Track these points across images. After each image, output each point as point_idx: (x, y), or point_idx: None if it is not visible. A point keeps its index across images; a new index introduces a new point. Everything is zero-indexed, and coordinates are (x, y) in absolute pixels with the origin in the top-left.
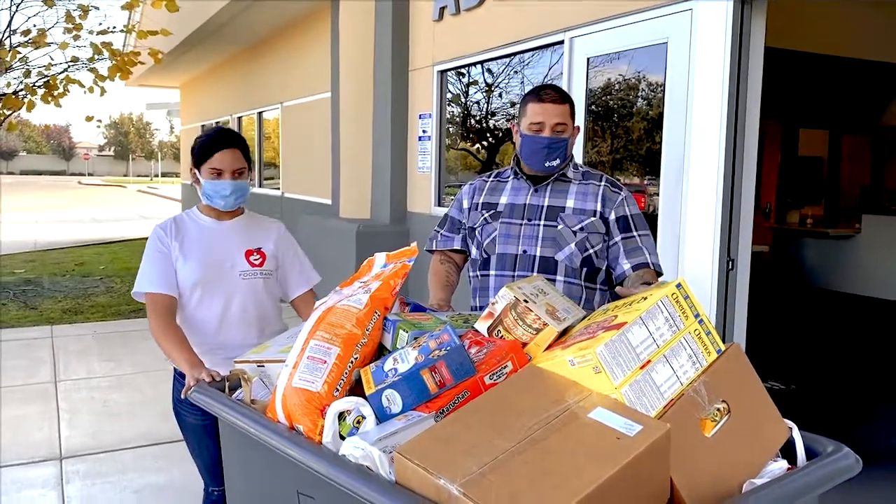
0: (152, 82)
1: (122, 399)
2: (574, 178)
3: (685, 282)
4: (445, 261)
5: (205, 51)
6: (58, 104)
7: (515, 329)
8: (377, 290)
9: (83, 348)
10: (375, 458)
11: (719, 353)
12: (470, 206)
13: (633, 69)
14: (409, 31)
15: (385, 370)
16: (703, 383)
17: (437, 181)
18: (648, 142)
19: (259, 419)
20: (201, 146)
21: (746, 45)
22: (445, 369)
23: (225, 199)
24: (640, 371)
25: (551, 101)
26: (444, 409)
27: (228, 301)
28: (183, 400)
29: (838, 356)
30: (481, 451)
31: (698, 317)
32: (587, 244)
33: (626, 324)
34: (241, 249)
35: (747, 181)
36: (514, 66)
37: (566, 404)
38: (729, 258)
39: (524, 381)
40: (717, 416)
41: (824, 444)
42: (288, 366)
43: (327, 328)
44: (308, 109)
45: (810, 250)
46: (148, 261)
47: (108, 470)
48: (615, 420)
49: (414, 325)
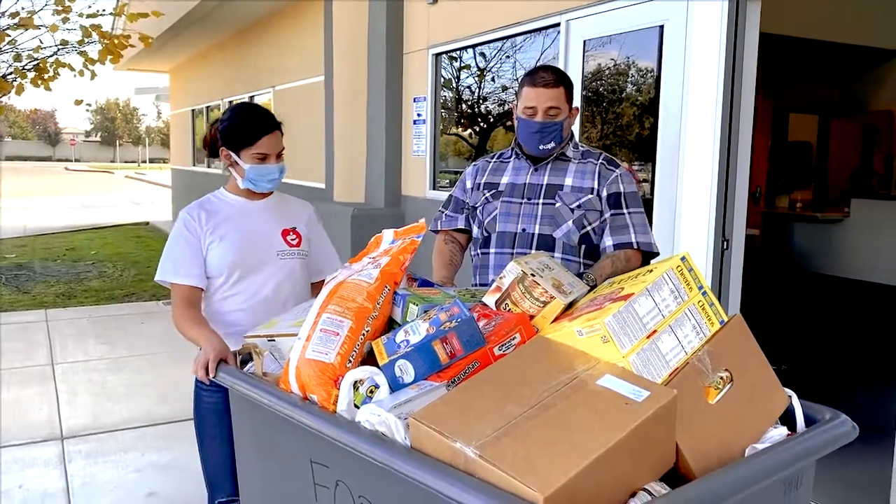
0: (141, 66)
1: (119, 381)
2: (574, 158)
3: (689, 255)
4: (449, 240)
5: (195, 34)
6: (48, 88)
7: (523, 302)
8: (387, 265)
9: (78, 331)
10: (392, 424)
11: (722, 323)
12: (473, 185)
13: (629, 52)
14: (403, 13)
15: (397, 342)
16: (707, 352)
17: (431, 164)
18: (644, 124)
19: (274, 390)
20: (242, 128)
21: (742, 29)
22: (456, 340)
23: (272, 183)
24: (646, 340)
25: (544, 84)
26: (455, 378)
27: (265, 281)
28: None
29: (828, 337)
30: (494, 417)
31: (702, 289)
32: (584, 221)
33: (633, 295)
34: (278, 229)
35: (742, 163)
36: (509, 50)
37: (575, 372)
38: (724, 238)
39: (533, 351)
40: (720, 384)
41: (822, 411)
42: (301, 339)
43: (339, 302)
44: (301, 93)
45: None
46: (173, 248)
47: (109, 449)
48: (623, 387)
49: (423, 299)
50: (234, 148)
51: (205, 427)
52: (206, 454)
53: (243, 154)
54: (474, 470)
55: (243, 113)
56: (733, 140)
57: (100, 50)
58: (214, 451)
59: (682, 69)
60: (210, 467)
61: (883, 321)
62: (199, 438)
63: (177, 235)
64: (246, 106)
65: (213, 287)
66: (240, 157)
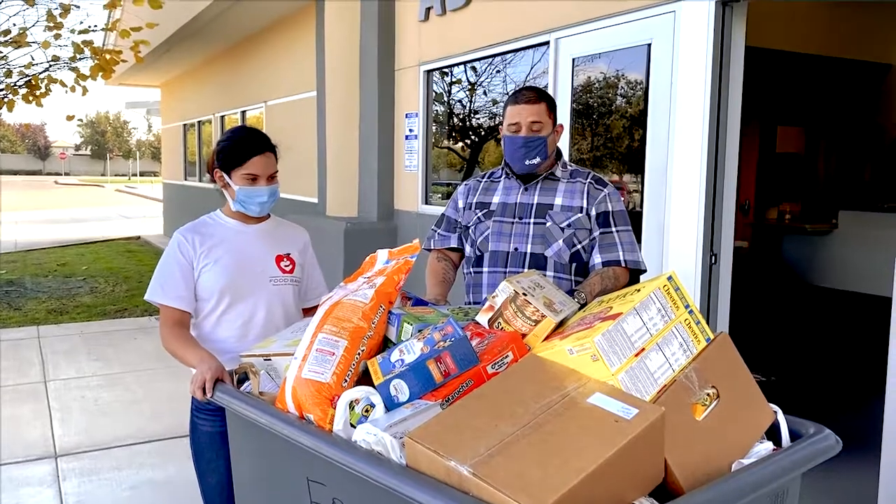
0: (133, 81)
1: (112, 398)
2: (562, 177)
3: (676, 274)
4: (442, 258)
5: (187, 50)
6: (39, 104)
7: (515, 321)
8: (382, 285)
9: (70, 348)
10: (387, 443)
11: (708, 341)
12: (465, 205)
13: (617, 69)
14: (395, 30)
15: (392, 361)
16: (694, 370)
17: (424, 179)
18: (632, 140)
19: (271, 410)
20: (233, 149)
21: (728, 46)
22: (450, 359)
23: (261, 206)
24: (634, 359)
25: (526, 101)
26: (449, 397)
27: (256, 307)
28: (202, 405)
29: (817, 348)
30: (488, 435)
31: (688, 307)
32: (574, 240)
33: (621, 314)
34: (272, 254)
35: (729, 178)
36: (499, 66)
37: (566, 390)
38: (712, 253)
39: (525, 370)
40: (707, 400)
41: (807, 426)
42: (297, 358)
43: (335, 322)
44: (293, 108)
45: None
46: (165, 269)
47: (103, 467)
48: (613, 405)
49: (418, 319)
50: (226, 169)
51: (202, 453)
52: (205, 481)
53: (234, 175)
54: (469, 488)
55: (236, 134)
56: (720, 155)
57: (91, 66)
58: (213, 478)
59: (670, 86)
60: (209, 493)
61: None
62: (197, 464)
63: (169, 257)
64: (241, 128)
65: (203, 311)
66: (231, 178)
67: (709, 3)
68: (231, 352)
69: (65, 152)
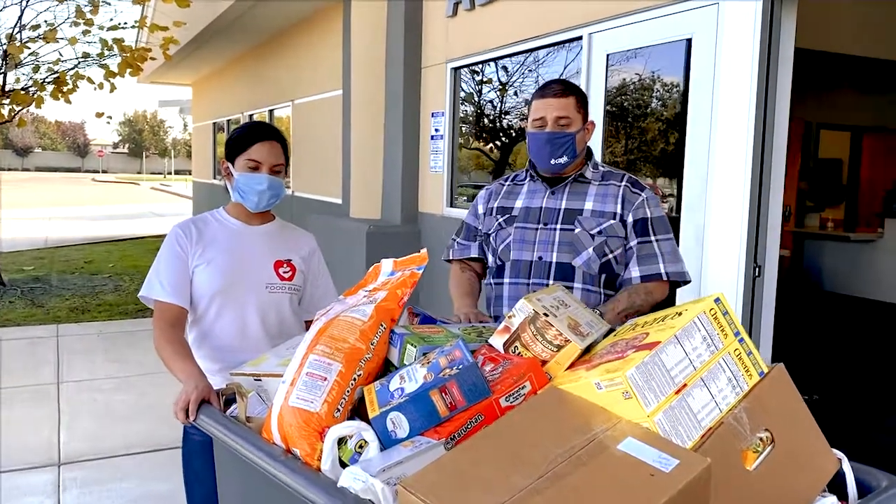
0: (164, 79)
1: (125, 402)
2: (593, 179)
3: (724, 297)
4: (466, 268)
5: (216, 48)
6: (67, 100)
7: (534, 346)
8: (383, 301)
9: (88, 348)
10: (378, 491)
11: (761, 375)
12: (485, 210)
13: (654, 66)
14: (421, 27)
15: (391, 390)
16: (745, 410)
17: (449, 181)
18: (668, 142)
19: (254, 440)
20: (238, 137)
21: (776, 45)
22: (457, 390)
23: (259, 195)
24: (675, 396)
25: (552, 94)
26: (454, 434)
27: (249, 315)
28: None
29: (861, 364)
30: (497, 488)
31: (738, 335)
32: (606, 249)
33: (659, 343)
34: (271, 259)
35: (776, 183)
36: (529, 64)
37: (592, 433)
38: (755, 264)
39: (545, 406)
40: (759, 446)
41: (877, 477)
42: (285, 382)
43: (328, 342)
44: (319, 107)
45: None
46: (162, 264)
47: (106, 477)
48: (648, 453)
49: (423, 340)
50: (230, 158)
51: (191, 462)
52: (192, 491)
53: (237, 162)
54: None
55: (245, 125)
56: (766, 159)
57: (119, 62)
58: (200, 489)
59: (712, 84)
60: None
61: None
62: (185, 474)
63: (166, 251)
64: (252, 121)
65: (194, 314)
66: (234, 167)
67: None
68: (221, 362)
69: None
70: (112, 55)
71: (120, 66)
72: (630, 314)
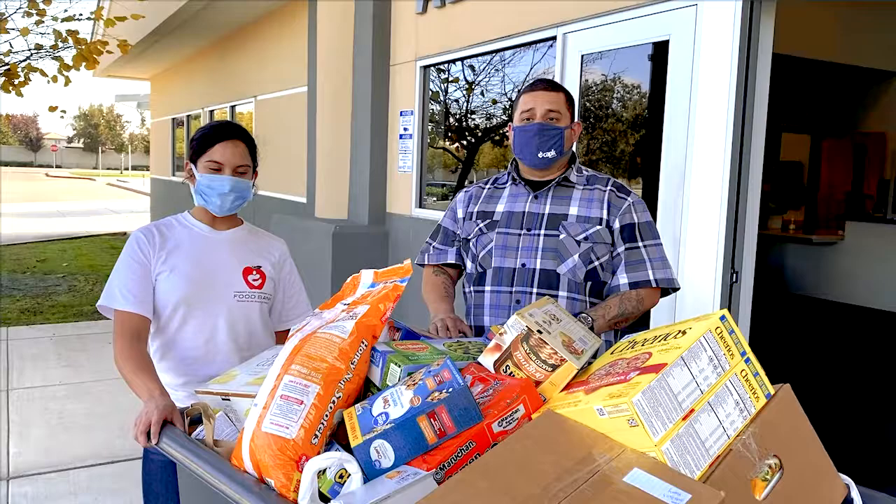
0: (122, 73)
1: (79, 410)
2: (578, 183)
3: (729, 314)
4: (439, 272)
5: (176, 42)
6: (19, 93)
7: (527, 365)
8: (364, 316)
9: (40, 352)
10: None
11: (768, 397)
12: (464, 215)
13: (630, 68)
14: (390, 23)
15: (374, 414)
16: (752, 435)
17: (418, 181)
18: (644, 144)
19: (222, 468)
20: (200, 137)
21: (755, 46)
22: (447, 415)
23: (222, 199)
24: (682, 423)
25: (542, 88)
26: (444, 463)
27: (216, 325)
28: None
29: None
30: None
31: (744, 354)
32: (592, 255)
33: (665, 365)
34: (240, 266)
35: (753, 188)
36: (501, 63)
37: (595, 464)
38: (733, 270)
39: (542, 432)
40: (769, 474)
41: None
42: (258, 405)
43: (305, 361)
44: (283, 104)
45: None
46: (122, 271)
47: (58, 492)
48: (657, 487)
49: (408, 358)
50: (192, 158)
51: (150, 485)
52: None
53: (199, 163)
54: None
55: (208, 124)
56: (745, 163)
57: (74, 55)
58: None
59: (689, 86)
60: None
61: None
62: (145, 497)
63: (127, 257)
64: (217, 120)
65: (157, 323)
66: (196, 168)
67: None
68: (197, 364)
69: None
70: (66, 47)
71: (75, 59)
72: (620, 322)
